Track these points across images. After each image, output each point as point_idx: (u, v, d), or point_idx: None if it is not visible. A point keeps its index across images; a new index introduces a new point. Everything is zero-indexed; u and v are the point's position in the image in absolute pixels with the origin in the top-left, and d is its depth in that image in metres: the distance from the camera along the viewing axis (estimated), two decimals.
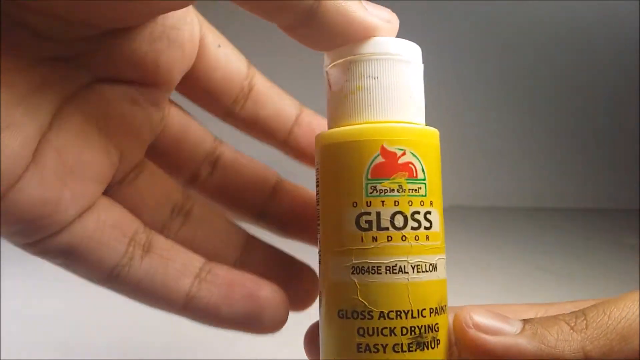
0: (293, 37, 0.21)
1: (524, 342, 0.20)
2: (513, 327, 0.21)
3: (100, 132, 0.22)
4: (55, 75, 0.20)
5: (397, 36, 0.22)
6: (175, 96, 0.27)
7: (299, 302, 0.27)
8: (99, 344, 0.50)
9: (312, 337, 0.24)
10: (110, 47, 0.21)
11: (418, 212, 0.21)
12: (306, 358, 0.24)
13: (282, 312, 0.24)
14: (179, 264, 0.23)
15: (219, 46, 0.25)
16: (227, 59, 0.26)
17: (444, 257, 0.22)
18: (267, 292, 0.23)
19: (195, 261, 0.24)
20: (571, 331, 0.20)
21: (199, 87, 0.26)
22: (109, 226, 0.22)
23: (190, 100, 0.27)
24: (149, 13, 0.21)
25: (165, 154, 0.26)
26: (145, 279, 0.23)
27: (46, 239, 0.21)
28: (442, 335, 0.21)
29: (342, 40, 0.21)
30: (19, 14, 0.18)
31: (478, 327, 0.21)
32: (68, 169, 0.20)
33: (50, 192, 0.20)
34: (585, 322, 0.21)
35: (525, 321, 0.21)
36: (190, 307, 0.24)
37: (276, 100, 0.27)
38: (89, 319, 0.56)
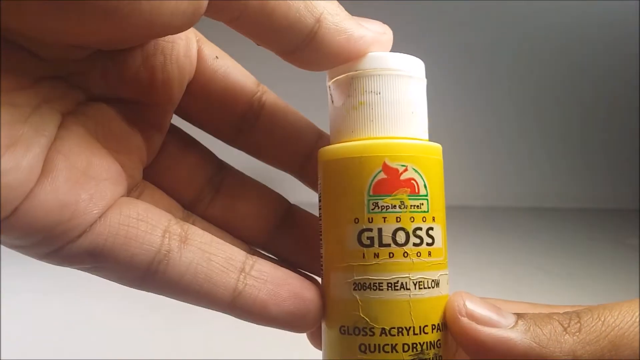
0: (290, 61, 0.21)
1: (516, 337, 0.20)
2: (506, 320, 0.21)
3: (102, 144, 0.21)
4: (55, 93, 0.20)
5: (396, 45, 0.22)
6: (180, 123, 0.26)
7: None
8: (99, 344, 0.50)
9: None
10: (103, 65, 0.21)
11: (420, 228, 0.21)
12: (306, 358, 0.25)
13: (320, 313, 0.23)
14: (221, 257, 0.22)
15: (217, 58, 0.24)
16: (227, 71, 0.25)
17: (447, 273, 0.22)
18: (312, 293, 0.22)
19: (238, 254, 0.22)
20: (564, 332, 0.20)
21: (200, 105, 0.25)
22: (134, 219, 0.21)
23: (194, 124, 0.26)
24: (144, 37, 0.21)
25: (162, 178, 0.25)
26: (188, 274, 0.21)
27: (69, 244, 0.20)
28: (444, 352, 0.21)
29: (340, 60, 0.21)
30: (13, 36, 0.18)
31: (471, 316, 0.21)
32: (80, 172, 0.20)
33: (66, 196, 0.19)
34: (579, 324, 0.20)
35: (518, 315, 0.21)
36: (238, 305, 0.22)
37: (292, 121, 0.26)
38: (89, 319, 0.56)
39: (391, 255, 0.20)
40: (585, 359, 0.20)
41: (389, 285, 0.20)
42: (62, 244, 0.20)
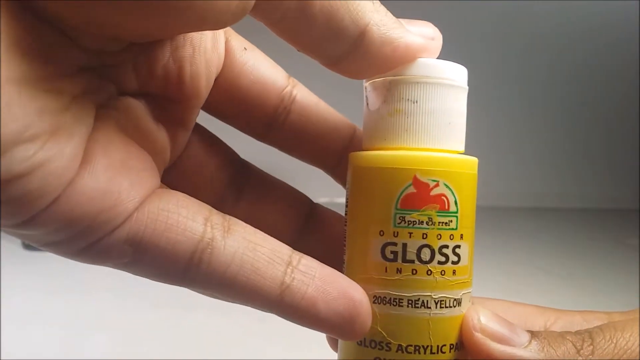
0: (335, 70, 0.20)
1: (529, 357, 0.20)
2: (519, 339, 0.21)
3: (133, 138, 0.21)
4: (91, 84, 0.19)
5: None
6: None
7: None
8: (99, 344, 0.50)
9: None
10: (134, 58, 0.20)
11: (447, 246, 0.20)
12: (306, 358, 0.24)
13: (369, 318, 0.21)
14: (267, 248, 0.20)
15: (245, 49, 0.23)
16: (256, 64, 0.23)
17: (470, 291, 0.21)
18: (360, 294, 0.20)
19: (284, 247, 0.21)
20: (577, 354, 0.20)
21: (229, 99, 0.24)
22: (175, 206, 0.19)
23: (223, 120, 0.25)
24: (188, 31, 0.20)
25: (183, 180, 0.24)
26: (234, 264, 0.19)
27: (109, 234, 0.19)
28: None
29: (386, 69, 0.20)
30: (59, 23, 0.17)
31: (484, 331, 0.21)
32: (119, 162, 0.19)
33: (108, 183, 0.18)
34: (592, 347, 0.20)
35: (532, 334, 0.21)
36: (286, 300, 0.20)
37: (326, 116, 0.25)
38: (89, 319, 0.56)
39: (414, 272, 0.20)
40: None
41: (410, 302, 0.20)
42: (102, 234, 0.18)
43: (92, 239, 0.18)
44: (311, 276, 0.20)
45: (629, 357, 0.20)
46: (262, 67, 0.24)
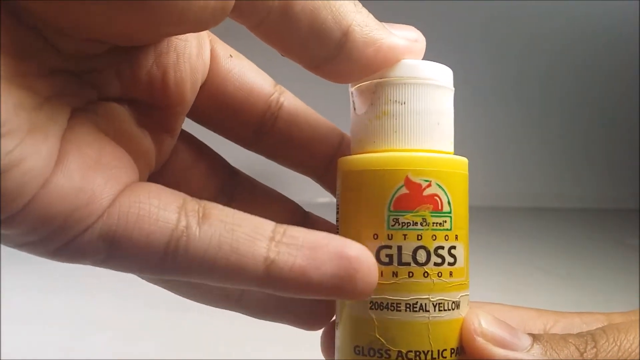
0: (319, 74, 0.20)
1: None
2: (521, 343, 0.21)
3: (113, 140, 0.21)
4: (67, 87, 0.19)
5: None
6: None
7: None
8: (99, 344, 0.50)
9: (327, 337, 0.23)
10: (117, 63, 0.20)
11: (442, 247, 0.20)
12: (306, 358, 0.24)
13: (374, 272, 0.20)
14: (247, 228, 0.19)
15: (230, 56, 0.23)
16: (242, 71, 0.23)
17: (468, 293, 0.21)
18: (356, 250, 0.19)
19: (266, 223, 0.20)
20: (580, 358, 0.20)
21: (214, 107, 0.23)
22: (146, 197, 0.19)
23: (209, 128, 0.25)
24: (168, 31, 0.20)
25: (170, 186, 0.23)
26: (211, 248, 0.19)
27: (83, 232, 0.18)
28: None
29: (370, 72, 0.20)
30: (35, 21, 0.17)
31: (485, 336, 0.20)
32: (93, 160, 0.19)
33: (81, 181, 0.18)
34: (595, 350, 0.20)
35: (534, 337, 0.21)
36: (273, 275, 0.19)
37: (313, 123, 0.25)
38: (89, 319, 0.56)
39: (410, 274, 0.19)
40: None
41: (408, 306, 0.19)
42: (76, 232, 0.18)
43: (66, 237, 0.18)
44: (298, 246, 0.19)
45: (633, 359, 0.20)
46: (248, 74, 0.24)
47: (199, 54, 0.22)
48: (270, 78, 0.24)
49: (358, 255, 0.19)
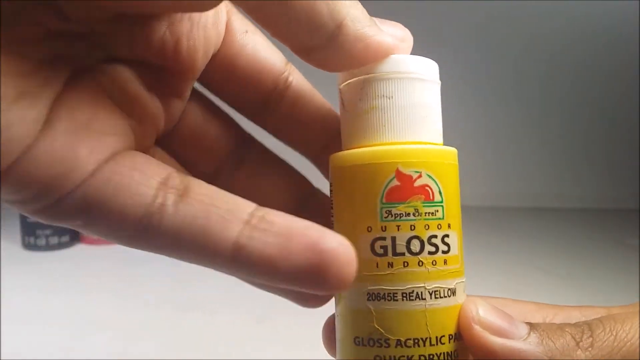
0: (305, 59, 0.20)
1: (528, 350, 0.20)
2: (518, 331, 0.21)
3: (115, 102, 0.21)
4: (71, 49, 0.19)
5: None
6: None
7: None
8: (99, 344, 0.50)
9: (329, 330, 0.23)
10: (127, 27, 0.20)
11: (435, 236, 0.20)
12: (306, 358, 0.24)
13: (351, 266, 0.19)
14: (223, 209, 0.19)
15: (247, 32, 0.23)
16: (255, 47, 0.24)
17: (464, 280, 0.21)
18: (332, 243, 0.19)
19: (245, 206, 0.20)
20: (576, 347, 0.20)
21: (224, 78, 0.24)
22: (129, 169, 0.19)
23: (216, 96, 0.25)
24: (170, 9, 0.20)
25: (180, 147, 0.24)
26: (183, 228, 0.19)
27: (63, 198, 0.19)
28: None
29: (356, 65, 0.21)
30: None
31: (483, 324, 0.21)
32: (83, 126, 0.19)
33: (64, 149, 0.18)
34: (591, 339, 0.20)
35: (531, 326, 0.21)
36: (240, 259, 0.19)
37: (316, 106, 0.25)
38: (89, 319, 0.56)
39: (405, 264, 0.20)
40: None
41: (404, 295, 0.20)
42: (56, 198, 0.19)
43: (46, 202, 0.19)
44: (272, 233, 0.19)
45: (629, 349, 0.20)
46: (262, 51, 0.24)
47: (214, 24, 0.22)
48: (282, 56, 0.24)
49: (334, 248, 0.18)
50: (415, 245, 0.20)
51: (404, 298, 0.20)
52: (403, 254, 0.20)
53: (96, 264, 0.74)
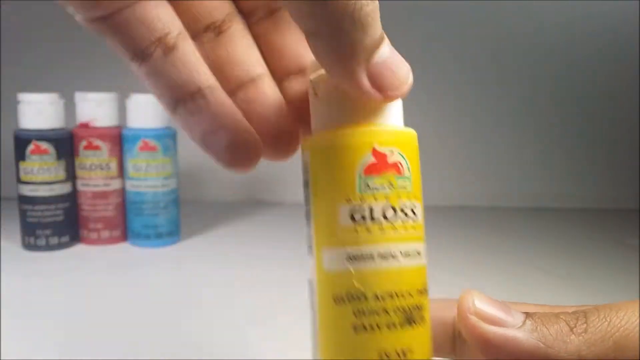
0: (310, 44, 0.21)
1: (522, 337, 0.21)
2: (514, 319, 0.21)
3: None
4: None
5: (390, 36, 0.23)
6: None
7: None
8: (99, 344, 0.50)
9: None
10: None
11: (405, 206, 0.23)
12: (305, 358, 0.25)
13: (256, 156, 0.25)
14: (181, 79, 0.24)
15: None
16: None
17: (424, 245, 0.24)
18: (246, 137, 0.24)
19: (199, 80, 0.24)
20: (570, 332, 0.21)
21: None
22: (154, 19, 0.23)
23: None
24: None
25: None
26: (149, 78, 0.24)
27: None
28: (425, 313, 0.23)
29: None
30: None
31: (479, 314, 0.21)
32: None
33: None
34: (585, 325, 0.21)
35: (527, 315, 0.21)
36: (177, 118, 0.24)
37: (297, 37, 0.26)
38: (89, 319, 0.56)
39: (381, 229, 0.23)
40: (590, 359, 0.20)
41: (380, 255, 0.23)
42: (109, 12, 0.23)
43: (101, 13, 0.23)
44: (202, 113, 0.24)
45: (622, 334, 0.20)
46: None
47: None
48: (236, 11, 0.27)
49: (246, 140, 0.25)
50: (389, 213, 0.23)
51: (380, 258, 0.23)
52: (380, 221, 0.23)
53: (96, 264, 0.74)
